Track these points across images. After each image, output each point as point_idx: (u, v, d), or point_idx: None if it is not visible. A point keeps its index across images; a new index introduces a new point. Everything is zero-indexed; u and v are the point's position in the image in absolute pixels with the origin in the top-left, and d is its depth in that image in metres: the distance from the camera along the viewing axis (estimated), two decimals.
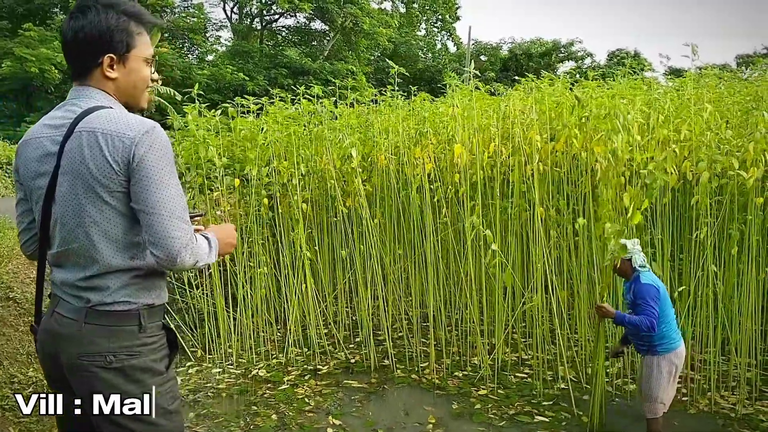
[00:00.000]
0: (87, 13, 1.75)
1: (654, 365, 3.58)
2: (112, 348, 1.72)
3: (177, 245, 1.67)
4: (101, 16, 1.75)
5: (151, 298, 1.81)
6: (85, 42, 1.75)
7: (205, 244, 1.81)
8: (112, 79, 1.80)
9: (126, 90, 1.84)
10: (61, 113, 1.79)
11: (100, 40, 1.75)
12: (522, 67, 27.01)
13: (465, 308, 5.22)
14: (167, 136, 1.76)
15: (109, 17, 1.76)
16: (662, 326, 3.55)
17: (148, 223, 1.68)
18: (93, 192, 1.69)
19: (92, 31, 1.74)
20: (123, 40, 1.78)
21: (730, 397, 4.39)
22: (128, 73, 1.82)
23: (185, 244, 1.69)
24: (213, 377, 5.11)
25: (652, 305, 3.47)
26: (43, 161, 1.76)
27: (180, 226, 1.69)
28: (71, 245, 1.74)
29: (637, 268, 3.61)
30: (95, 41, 1.75)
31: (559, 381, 4.72)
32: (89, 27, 1.74)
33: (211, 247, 1.84)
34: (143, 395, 1.76)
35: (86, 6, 1.75)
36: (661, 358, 3.57)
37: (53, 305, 1.80)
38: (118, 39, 1.77)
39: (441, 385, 4.82)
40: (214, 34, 28.79)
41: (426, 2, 34.35)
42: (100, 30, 1.75)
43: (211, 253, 1.83)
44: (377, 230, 5.31)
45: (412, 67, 29.68)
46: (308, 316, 5.50)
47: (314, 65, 23.62)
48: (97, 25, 1.74)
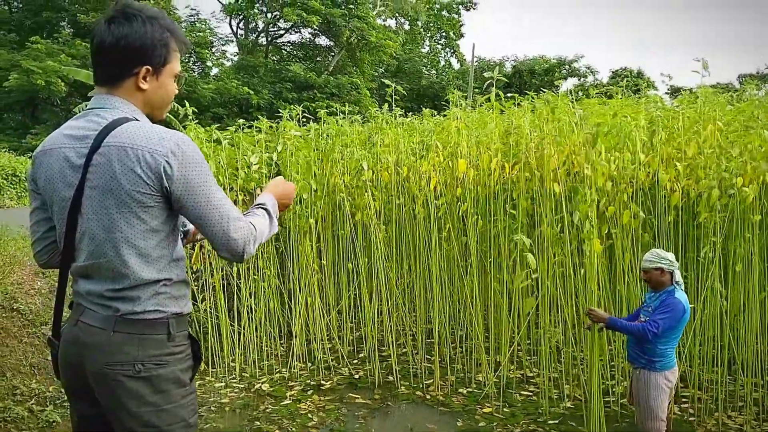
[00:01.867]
0: (132, 21, 1.74)
1: (652, 381, 3.54)
2: (141, 357, 1.71)
3: (240, 245, 1.75)
4: (147, 27, 1.75)
5: (179, 306, 1.82)
6: (127, 50, 1.74)
7: (264, 218, 1.90)
8: (143, 90, 1.79)
9: (153, 102, 1.84)
10: (83, 123, 1.77)
11: (143, 51, 1.75)
12: (525, 84, 27.15)
13: (470, 325, 5.20)
14: (195, 145, 1.78)
15: (155, 30, 1.77)
16: (669, 344, 3.54)
17: (208, 233, 1.75)
18: (126, 207, 1.69)
19: (136, 41, 1.74)
20: (162, 54, 1.79)
21: (737, 418, 4.35)
22: (159, 87, 1.82)
23: (247, 240, 1.77)
24: (216, 392, 5.09)
25: (667, 320, 3.45)
26: (67, 173, 1.74)
27: (237, 226, 1.76)
28: (100, 260, 1.73)
29: (675, 282, 3.58)
30: (137, 51, 1.75)
31: (565, 399, 4.68)
32: (134, 36, 1.74)
33: (271, 217, 1.94)
34: (167, 406, 1.75)
35: (131, 14, 1.75)
36: (659, 375, 3.54)
37: (77, 314, 1.79)
38: (159, 53, 1.78)
39: (445, 402, 4.79)
40: (220, 49, 29.04)
41: (430, 20, 34.62)
42: (144, 42, 1.75)
43: (272, 221, 1.94)
44: (383, 245, 5.30)
45: (416, 83, 29.86)
46: (312, 330, 5.48)
47: (319, 80, 23.75)
48: (142, 36, 1.75)
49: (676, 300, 3.50)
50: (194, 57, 26.15)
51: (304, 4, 23.30)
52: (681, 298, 3.52)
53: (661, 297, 3.59)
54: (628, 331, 3.56)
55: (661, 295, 3.59)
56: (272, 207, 1.97)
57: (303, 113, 5.88)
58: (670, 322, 3.45)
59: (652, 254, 3.64)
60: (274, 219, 1.95)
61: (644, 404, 3.57)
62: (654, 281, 3.63)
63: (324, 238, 5.84)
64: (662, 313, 3.47)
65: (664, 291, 3.59)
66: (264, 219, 1.90)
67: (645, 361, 3.58)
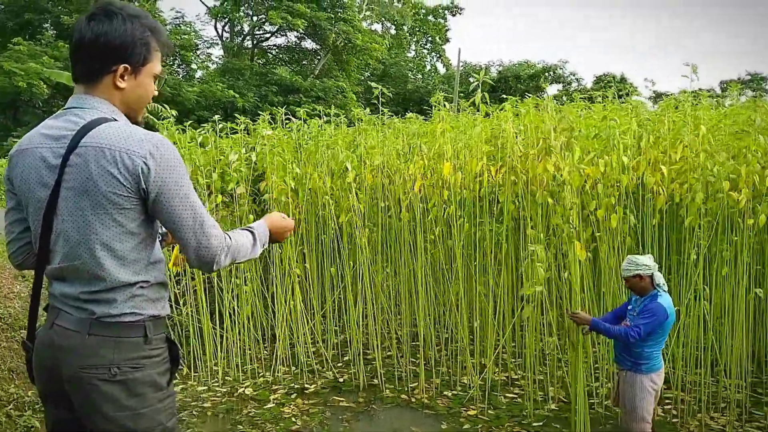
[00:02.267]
0: (113, 18, 1.73)
1: (638, 383, 3.55)
2: (116, 360, 1.68)
3: (211, 253, 1.74)
4: (127, 25, 1.73)
5: (157, 309, 1.79)
6: (106, 47, 1.72)
7: (246, 239, 1.88)
8: (121, 89, 1.77)
9: (130, 102, 1.81)
10: (60, 123, 1.74)
11: (122, 48, 1.73)
12: (510, 89, 27.28)
13: (455, 327, 5.18)
14: (175, 148, 1.75)
15: (135, 28, 1.75)
16: (655, 347, 3.55)
17: (180, 238, 1.73)
18: (102, 209, 1.66)
19: (116, 38, 1.72)
20: (142, 54, 1.77)
21: (720, 419, 4.37)
22: (137, 86, 1.80)
23: (219, 250, 1.76)
24: (198, 396, 5.03)
25: (649, 325, 3.45)
26: (44, 173, 1.71)
27: (210, 233, 1.74)
28: (74, 262, 1.70)
29: (657, 286, 3.58)
30: (116, 49, 1.73)
31: (549, 401, 4.68)
32: (113, 33, 1.72)
33: (255, 240, 1.91)
34: (144, 410, 1.72)
35: (112, 11, 1.73)
36: (645, 377, 3.54)
37: (52, 317, 1.75)
38: (139, 51, 1.76)
39: (430, 404, 4.77)
40: (205, 52, 28.89)
41: (416, 25, 34.71)
42: (124, 39, 1.73)
43: (255, 246, 1.91)
44: (368, 248, 5.28)
45: (402, 87, 29.91)
46: (296, 333, 5.44)
47: (305, 83, 23.70)
48: (122, 34, 1.73)
49: (658, 304, 3.50)
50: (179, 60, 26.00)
51: (290, 7, 23.26)
52: (664, 303, 3.51)
53: (644, 301, 3.60)
54: (611, 334, 3.56)
55: (645, 300, 3.60)
56: (261, 233, 1.96)
57: (286, 115, 5.84)
58: (652, 327, 3.45)
59: (628, 262, 3.65)
60: (258, 245, 1.93)
61: (630, 406, 3.57)
62: (637, 288, 3.64)
63: (307, 241, 5.80)
64: (644, 318, 3.48)
65: (647, 296, 3.61)
66: (246, 240, 1.88)
67: (631, 363, 3.58)
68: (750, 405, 4.46)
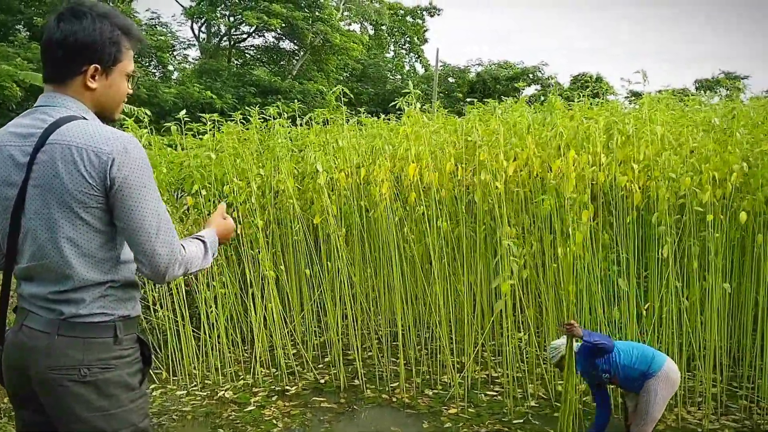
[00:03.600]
0: (82, 18, 1.70)
1: (651, 389, 3.61)
2: (86, 361, 1.66)
3: (164, 261, 1.68)
4: (96, 25, 1.71)
5: (127, 309, 1.77)
6: (75, 48, 1.70)
7: (198, 249, 1.81)
8: (92, 89, 1.75)
9: (103, 102, 1.79)
10: (29, 121, 1.73)
11: (91, 48, 1.71)
12: (489, 90, 27.40)
13: (435, 326, 5.20)
14: (144, 150, 1.73)
15: (104, 28, 1.72)
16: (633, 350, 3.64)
17: (133, 241, 1.67)
18: (67, 207, 1.64)
19: (85, 38, 1.70)
20: (112, 53, 1.75)
21: (696, 413, 4.44)
22: (109, 86, 1.78)
23: (173, 259, 1.69)
24: (178, 399, 4.98)
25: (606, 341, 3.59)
26: (11, 172, 1.70)
27: (166, 241, 1.68)
28: (42, 261, 1.68)
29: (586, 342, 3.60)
30: (85, 49, 1.71)
31: (529, 398, 4.71)
32: (82, 33, 1.69)
33: (206, 249, 1.84)
34: (115, 411, 1.70)
35: (81, 11, 1.71)
36: (656, 378, 3.61)
37: (21, 319, 1.73)
38: (108, 51, 1.74)
39: (411, 404, 4.78)
40: (181, 53, 28.60)
41: (394, 25, 34.73)
42: (93, 39, 1.71)
43: (207, 255, 1.83)
44: (345, 249, 5.27)
45: (381, 88, 29.89)
46: (275, 336, 5.41)
47: (284, 84, 23.58)
48: (90, 34, 1.70)
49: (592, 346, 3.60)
50: (155, 61, 25.73)
51: (266, 7, 23.11)
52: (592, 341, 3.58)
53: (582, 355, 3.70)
54: (598, 343, 3.58)
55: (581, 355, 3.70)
56: (211, 243, 1.88)
57: (260, 114, 5.79)
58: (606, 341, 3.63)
59: (551, 350, 3.83)
60: (209, 254, 1.86)
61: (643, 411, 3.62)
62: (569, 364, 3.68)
63: (281, 242, 5.76)
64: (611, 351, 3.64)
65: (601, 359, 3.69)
66: (198, 249, 1.82)
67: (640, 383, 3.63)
68: (726, 399, 4.53)
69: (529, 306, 4.82)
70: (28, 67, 19.25)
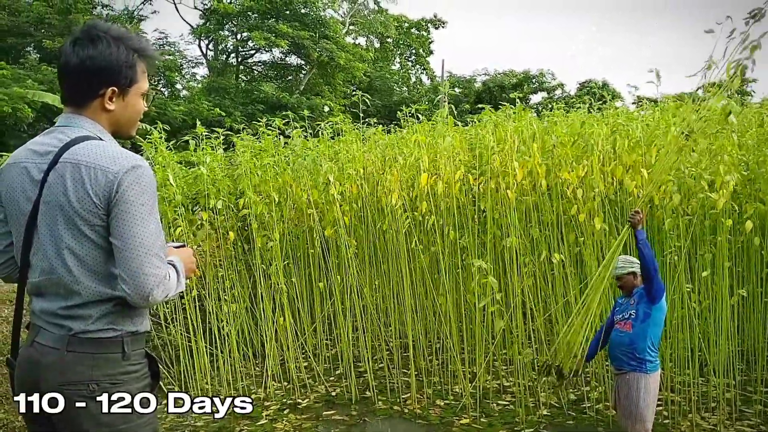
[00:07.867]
0: (97, 43, 1.73)
1: (642, 385, 3.56)
2: (95, 376, 1.68)
3: (150, 283, 1.66)
4: (112, 49, 1.74)
5: (135, 325, 1.79)
6: (92, 72, 1.73)
7: (174, 275, 1.78)
8: (110, 110, 1.78)
9: (120, 121, 1.83)
10: (47, 140, 1.77)
11: (108, 72, 1.74)
12: (495, 99, 27.44)
13: (446, 337, 5.19)
14: (153, 174, 1.75)
15: (120, 51, 1.75)
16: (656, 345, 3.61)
17: (123, 258, 1.66)
18: (73, 224, 1.68)
19: (102, 62, 1.73)
20: (128, 75, 1.78)
21: (711, 418, 4.40)
22: (126, 107, 1.82)
23: (158, 282, 1.68)
24: (190, 415, 4.99)
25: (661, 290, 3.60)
26: (27, 187, 1.74)
27: (155, 264, 1.68)
28: (50, 276, 1.71)
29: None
30: (102, 73, 1.74)
31: (541, 407, 4.69)
32: (99, 58, 1.73)
33: (179, 275, 1.81)
34: (124, 427, 1.72)
35: (96, 35, 1.74)
36: (649, 377, 3.57)
37: (33, 335, 1.76)
38: (125, 74, 1.77)
39: (423, 415, 4.77)
40: (190, 71, 28.87)
41: (400, 37, 34.89)
42: (110, 63, 1.74)
43: (179, 282, 1.80)
44: (355, 260, 5.29)
45: (387, 100, 30.00)
46: (287, 349, 5.42)
47: (291, 99, 23.71)
48: (107, 58, 1.73)
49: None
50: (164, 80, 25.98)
51: (273, 26, 23.32)
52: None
53: (638, 291, 3.69)
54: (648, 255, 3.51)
55: (638, 291, 3.69)
56: (180, 269, 1.84)
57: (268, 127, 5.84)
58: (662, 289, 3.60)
59: (623, 261, 3.74)
60: (182, 277, 1.83)
61: (634, 409, 3.56)
62: (629, 285, 3.75)
63: (296, 256, 5.80)
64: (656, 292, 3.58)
65: (636, 290, 3.70)
66: (174, 275, 1.79)
67: (635, 364, 3.59)
68: (740, 404, 4.49)
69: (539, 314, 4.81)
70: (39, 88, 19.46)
